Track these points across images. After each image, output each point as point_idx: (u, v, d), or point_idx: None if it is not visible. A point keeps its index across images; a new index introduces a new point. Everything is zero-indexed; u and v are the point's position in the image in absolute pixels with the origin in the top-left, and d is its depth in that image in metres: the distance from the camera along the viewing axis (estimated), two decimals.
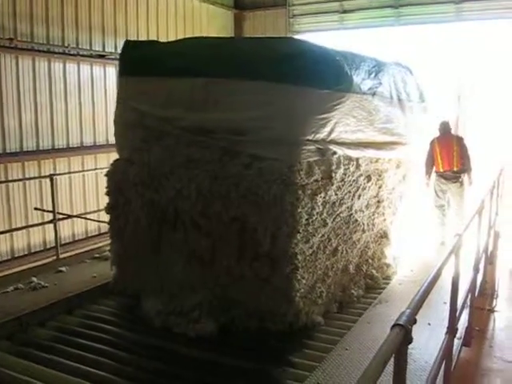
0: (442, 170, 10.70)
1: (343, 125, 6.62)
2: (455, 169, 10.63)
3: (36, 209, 12.18)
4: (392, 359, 2.77)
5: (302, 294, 6.41)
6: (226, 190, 6.41)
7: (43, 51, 13.07)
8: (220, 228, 6.53)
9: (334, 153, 6.53)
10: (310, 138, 6.25)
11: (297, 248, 6.23)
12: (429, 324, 6.19)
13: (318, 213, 6.48)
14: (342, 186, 6.89)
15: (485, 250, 8.74)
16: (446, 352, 4.96)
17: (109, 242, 7.79)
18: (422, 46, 15.11)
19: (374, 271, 7.93)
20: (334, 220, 6.88)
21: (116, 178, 7.14)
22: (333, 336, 6.31)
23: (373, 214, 7.93)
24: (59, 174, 12.59)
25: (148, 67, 6.97)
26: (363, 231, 7.59)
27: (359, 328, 6.35)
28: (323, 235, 6.72)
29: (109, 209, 7.33)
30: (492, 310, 10.05)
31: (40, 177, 12.88)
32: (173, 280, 6.92)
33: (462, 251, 5.19)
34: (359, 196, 7.37)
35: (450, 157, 10.61)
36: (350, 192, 7.12)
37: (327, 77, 6.31)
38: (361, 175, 7.26)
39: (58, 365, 5.58)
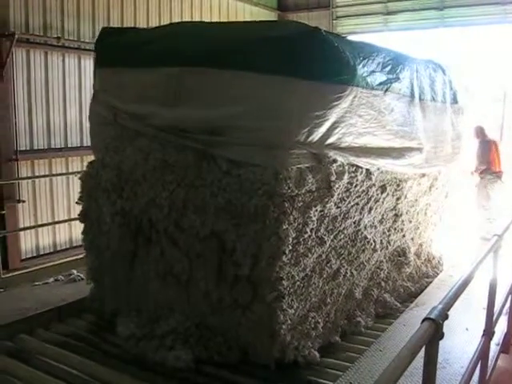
0: (498, 170, 10.33)
1: (346, 126, 4.85)
2: (502, 170, 10.41)
3: (78, 203, 11.06)
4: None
5: (290, 326, 4.75)
6: (202, 200, 4.82)
7: (88, 50, 11.83)
8: (196, 245, 4.93)
9: (334, 160, 4.70)
10: (301, 139, 4.53)
11: (282, 272, 4.58)
12: (466, 329, 5.26)
13: (312, 229, 4.78)
14: (347, 197, 5.12)
15: None
16: (482, 355, 4.36)
17: None
18: (466, 47, 13.00)
19: (386, 296, 6.04)
20: (334, 238, 5.14)
21: (88, 182, 5.51)
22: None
23: (388, 230, 6.08)
24: None
25: (122, 57, 5.39)
26: (374, 250, 5.75)
27: (394, 330, 5.36)
28: (320, 256, 5.01)
29: (81, 217, 5.68)
30: None
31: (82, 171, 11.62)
32: (148, 300, 5.38)
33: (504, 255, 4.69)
34: (370, 209, 5.55)
35: (499, 158, 10.35)
36: (357, 204, 5.33)
37: (323, 65, 4.55)
38: (373, 185, 5.45)
39: (91, 354, 5.05)
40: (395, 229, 6.19)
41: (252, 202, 4.52)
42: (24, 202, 11.13)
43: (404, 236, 6.45)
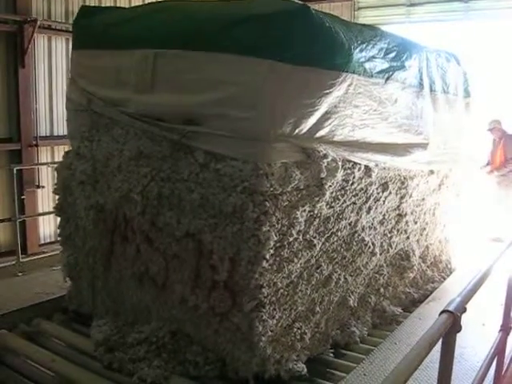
0: None
1: (339, 117, 4.05)
2: None
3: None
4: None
5: (271, 338, 4.00)
6: (178, 196, 4.07)
7: None
8: (173, 245, 4.19)
9: (325, 155, 3.88)
10: (286, 131, 3.74)
11: (263, 279, 3.82)
12: (483, 324, 4.89)
13: (299, 232, 3.99)
14: (342, 196, 4.32)
15: None
16: (498, 351, 4.04)
17: None
18: (490, 41, 11.88)
19: (385, 303, 5.19)
20: (326, 241, 4.36)
21: (64, 173, 4.78)
22: None
23: (390, 232, 5.24)
24: None
25: (97, 38, 4.63)
26: (372, 253, 4.94)
27: (410, 324, 4.98)
28: (308, 260, 4.22)
29: (57, 210, 4.97)
30: None
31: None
32: (124, 302, 4.63)
33: None
34: (369, 209, 4.73)
35: None
36: (354, 204, 4.52)
37: (312, 48, 3.76)
38: (372, 183, 4.64)
39: None
40: (398, 230, 5.35)
41: (230, 199, 3.79)
42: (43, 187, 10.67)
43: (408, 238, 5.60)
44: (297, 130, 3.78)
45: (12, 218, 7.67)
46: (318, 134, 3.95)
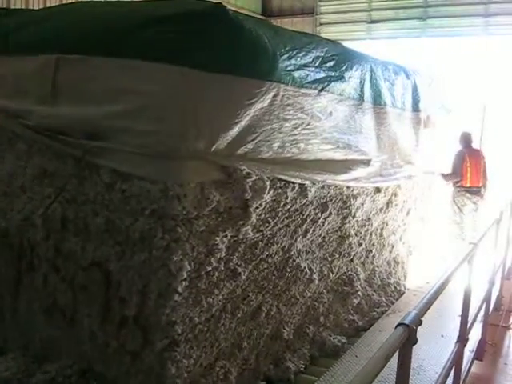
0: (469, 185, 8.42)
1: (265, 132, 3.44)
2: (480, 184, 8.46)
3: None
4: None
5: (189, 379, 3.35)
6: (83, 219, 3.44)
7: None
8: (79, 274, 3.54)
9: (248, 174, 3.26)
10: (201, 147, 3.11)
11: (175, 314, 3.19)
12: (442, 336, 4.83)
13: (220, 260, 3.37)
14: (272, 218, 3.72)
15: (502, 263, 6.88)
16: (455, 362, 3.94)
17: None
18: (448, 58, 11.52)
19: (325, 333, 4.56)
20: (254, 268, 3.74)
21: None
22: None
23: (330, 256, 4.61)
24: None
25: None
26: (310, 280, 4.29)
27: (370, 336, 4.83)
28: (233, 291, 3.60)
29: None
30: (508, 327, 7.20)
31: None
32: (34, 336, 3.94)
33: (480, 263, 4.43)
34: (305, 232, 4.11)
35: (478, 172, 8.43)
36: (287, 227, 3.89)
37: (229, 53, 3.15)
38: (308, 203, 4.00)
39: None
40: (340, 253, 4.72)
41: (137, 224, 3.17)
42: None
43: (352, 261, 4.97)
44: (214, 146, 3.16)
45: None
46: (241, 151, 3.34)
